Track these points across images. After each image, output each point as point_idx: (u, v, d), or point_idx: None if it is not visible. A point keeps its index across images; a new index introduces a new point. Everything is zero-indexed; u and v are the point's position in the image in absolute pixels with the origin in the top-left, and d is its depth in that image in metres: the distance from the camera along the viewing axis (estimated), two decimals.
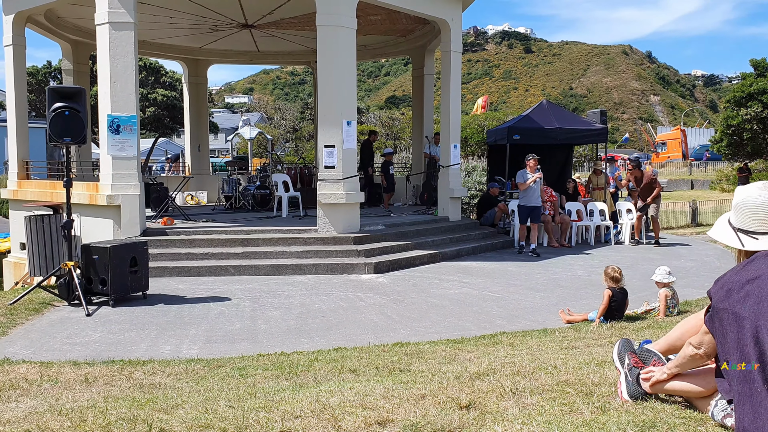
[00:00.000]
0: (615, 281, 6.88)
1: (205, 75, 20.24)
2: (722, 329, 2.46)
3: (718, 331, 2.49)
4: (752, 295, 2.36)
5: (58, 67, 32.45)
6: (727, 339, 2.43)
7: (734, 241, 2.63)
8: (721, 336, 2.47)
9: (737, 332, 2.37)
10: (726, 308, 2.43)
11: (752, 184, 2.70)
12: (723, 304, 2.46)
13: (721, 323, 2.47)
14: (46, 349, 6.13)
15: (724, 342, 2.46)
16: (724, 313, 2.45)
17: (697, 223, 19.46)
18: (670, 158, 55.79)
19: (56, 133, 7.91)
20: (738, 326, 2.37)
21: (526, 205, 12.49)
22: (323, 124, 11.24)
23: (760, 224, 2.59)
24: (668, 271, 7.28)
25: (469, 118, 35.22)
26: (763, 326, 2.28)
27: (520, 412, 2.88)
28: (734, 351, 2.39)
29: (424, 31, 16.45)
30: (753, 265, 2.46)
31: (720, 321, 2.47)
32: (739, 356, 2.36)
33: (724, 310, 2.44)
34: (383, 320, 7.29)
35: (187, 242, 10.80)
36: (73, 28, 15.61)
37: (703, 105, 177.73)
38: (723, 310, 2.45)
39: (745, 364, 2.34)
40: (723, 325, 2.45)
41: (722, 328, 2.46)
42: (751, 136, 32.96)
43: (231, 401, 3.58)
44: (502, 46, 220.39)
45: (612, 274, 6.91)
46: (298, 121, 49.42)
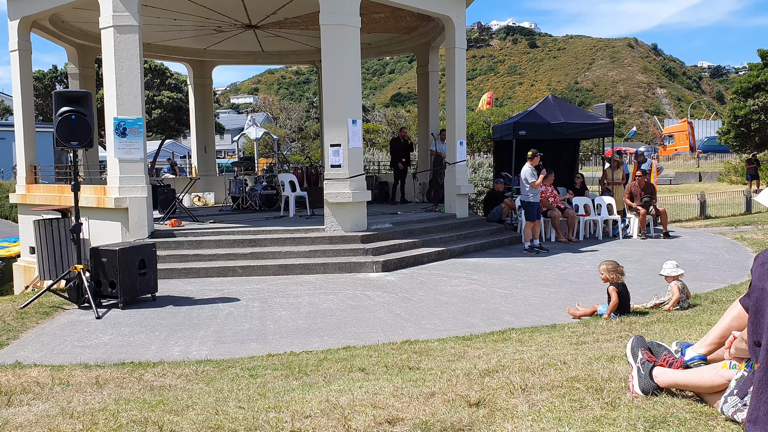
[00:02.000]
0: (620, 274, 6.85)
1: (210, 76, 20.27)
2: (756, 308, 2.41)
3: (752, 310, 2.45)
4: None
5: (64, 72, 32.56)
6: (762, 319, 2.38)
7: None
8: (755, 315, 2.43)
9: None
10: (764, 288, 2.38)
11: None
12: (762, 283, 2.41)
13: (757, 302, 2.42)
14: (57, 353, 6.16)
15: (757, 321, 2.41)
16: (761, 293, 2.40)
17: (706, 215, 19.36)
18: (677, 151, 55.54)
19: (63, 137, 7.94)
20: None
21: (537, 201, 12.35)
22: (329, 123, 11.25)
23: None
24: (676, 264, 7.25)
25: (474, 115, 35.16)
26: None
27: (530, 409, 2.88)
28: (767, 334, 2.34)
29: (428, 28, 16.42)
30: None
31: (756, 300, 2.42)
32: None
33: (762, 289, 2.39)
34: (392, 318, 7.29)
35: (195, 243, 10.83)
36: (78, 32, 15.67)
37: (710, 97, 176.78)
38: (760, 290, 2.40)
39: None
40: (759, 304, 2.40)
41: (757, 308, 2.41)
42: (759, 127, 32.77)
43: (241, 402, 3.59)
44: (506, 41, 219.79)
45: (617, 268, 6.88)
46: (304, 120, 49.47)
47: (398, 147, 17.03)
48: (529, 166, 12.15)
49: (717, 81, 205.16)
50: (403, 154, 16.94)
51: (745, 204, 20.25)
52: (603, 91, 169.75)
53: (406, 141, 17.16)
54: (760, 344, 2.36)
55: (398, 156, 16.87)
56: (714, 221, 18.04)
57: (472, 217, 14.53)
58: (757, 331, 2.39)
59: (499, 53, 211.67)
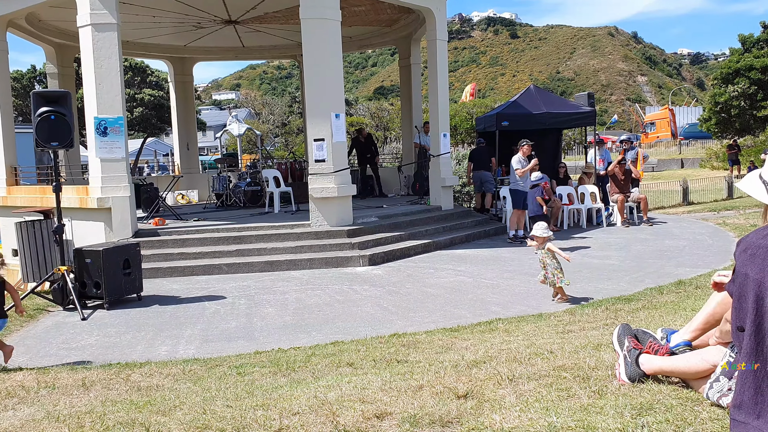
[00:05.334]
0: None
1: (191, 73, 20.12)
2: (740, 293, 2.43)
3: (736, 294, 2.46)
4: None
5: (43, 71, 32.21)
6: (745, 304, 2.39)
7: (763, 196, 2.56)
8: (738, 300, 2.44)
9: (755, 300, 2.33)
10: (747, 273, 2.39)
11: None
12: (745, 269, 2.41)
13: (741, 287, 2.43)
14: (42, 355, 6.11)
15: (740, 306, 2.43)
16: (744, 278, 2.41)
17: (689, 201, 19.52)
18: (659, 138, 55.98)
19: (43, 137, 7.86)
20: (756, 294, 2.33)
21: (524, 190, 12.24)
22: (312, 118, 11.20)
23: None
24: (545, 227, 7.40)
25: (457, 107, 35.23)
26: None
27: (518, 399, 2.89)
28: (749, 319, 2.35)
29: (409, 20, 16.38)
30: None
31: (740, 285, 2.43)
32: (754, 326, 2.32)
33: (745, 275, 2.40)
34: (379, 312, 7.29)
35: (180, 242, 10.77)
36: (55, 31, 15.48)
37: (691, 83, 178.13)
38: (744, 275, 2.41)
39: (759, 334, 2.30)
40: (742, 290, 2.42)
41: (740, 293, 2.42)
42: (739, 113, 33.08)
43: (229, 400, 3.58)
44: (487, 32, 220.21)
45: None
46: (287, 115, 49.27)
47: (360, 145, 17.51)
48: (519, 155, 12.11)
49: (697, 68, 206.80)
50: (367, 150, 17.35)
51: (727, 189, 20.44)
52: (584, 80, 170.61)
53: (367, 137, 17.74)
54: (744, 329, 2.38)
55: (364, 153, 17.28)
56: (697, 207, 18.19)
57: (458, 209, 14.56)
58: (741, 316, 2.41)
59: (481, 44, 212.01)
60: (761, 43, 34.33)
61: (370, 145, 17.67)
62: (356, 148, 17.57)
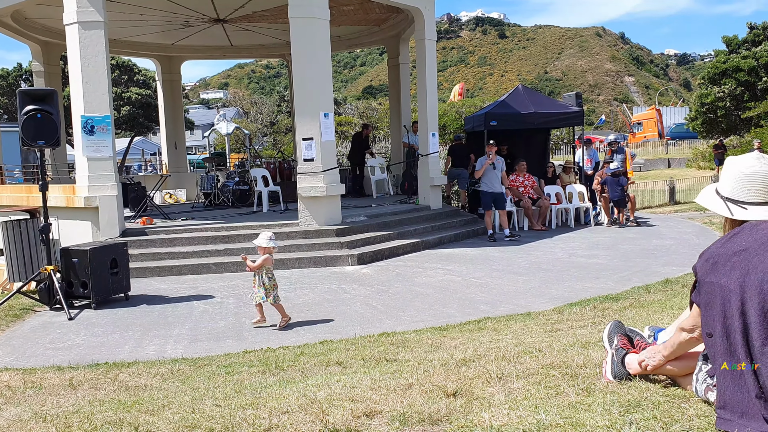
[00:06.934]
0: None
1: (179, 71, 20.03)
2: (707, 301, 2.46)
3: (703, 304, 2.49)
4: (738, 268, 2.35)
5: (29, 69, 31.93)
6: (712, 311, 2.43)
7: (723, 210, 2.59)
8: (706, 308, 2.48)
9: (722, 305, 2.37)
10: (712, 281, 2.42)
11: (747, 154, 2.67)
12: (709, 277, 2.45)
13: (707, 296, 2.46)
14: (28, 356, 6.06)
15: (708, 314, 2.46)
16: (710, 286, 2.44)
17: (675, 201, 19.66)
18: (646, 138, 56.29)
19: (29, 136, 7.80)
20: (723, 299, 2.37)
21: (489, 191, 12.49)
22: (300, 117, 11.18)
23: (750, 194, 2.56)
24: (270, 237, 6.77)
25: (446, 106, 35.26)
26: (748, 299, 2.29)
27: (507, 398, 2.90)
28: (719, 323, 2.39)
29: (397, 20, 16.39)
30: (739, 238, 2.44)
31: (706, 294, 2.46)
32: (724, 329, 2.37)
33: (710, 283, 2.43)
34: (368, 311, 7.30)
35: (168, 241, 10.72)
36: (41, 28, 15.36)
37: (677, 84, 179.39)
38: (709, 283, 2.44)
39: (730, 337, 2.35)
40: (709, 297, 2.45)
41: (707, 301, 2.46)
42: (725, 113, 33.36)
43: (218, 400, 3.57)
44: (476, 32, 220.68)
45: None
46: (275, 114, 49.13)
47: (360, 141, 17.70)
48: (485, 156, 12.38)
49: (683, 68, 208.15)
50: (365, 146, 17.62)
51: None
52: (572, 80, 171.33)
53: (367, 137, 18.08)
54: (712, 335, 2.42)
55: (361, 150, 17.43)
56: (683, 206, 18.33)
57: (446, 208, 14.58)
58: (709, 322, 2.45)
59: (469, 44, 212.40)
60: (747, 44, 34.63)
61: (368, 143, 17.98)
62: (357, 143, 17.76)
